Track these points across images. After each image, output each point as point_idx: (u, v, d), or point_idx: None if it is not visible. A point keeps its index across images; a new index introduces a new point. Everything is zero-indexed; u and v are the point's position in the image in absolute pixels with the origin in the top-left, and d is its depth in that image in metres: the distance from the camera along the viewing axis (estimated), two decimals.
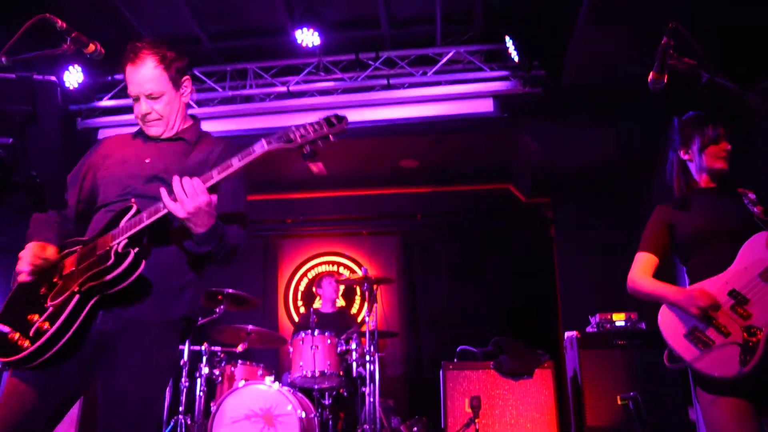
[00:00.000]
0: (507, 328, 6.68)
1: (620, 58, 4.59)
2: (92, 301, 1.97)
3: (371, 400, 5.10)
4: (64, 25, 2.26)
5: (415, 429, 5.39)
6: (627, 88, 3.99)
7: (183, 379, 5.42)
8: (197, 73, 5.98)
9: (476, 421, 4.69)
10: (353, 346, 5.47)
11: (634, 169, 6.31)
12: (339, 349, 5.40)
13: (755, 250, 2.45)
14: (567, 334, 5.01)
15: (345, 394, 5.80)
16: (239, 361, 5.18)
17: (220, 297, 5.11)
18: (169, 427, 5.40)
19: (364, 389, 5.29)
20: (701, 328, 2.41)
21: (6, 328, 1.99)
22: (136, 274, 1.96)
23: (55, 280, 2.05)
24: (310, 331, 5.29)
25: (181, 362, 5.35)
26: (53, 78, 1.34)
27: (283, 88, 5.87)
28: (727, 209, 2.61)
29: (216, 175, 2.00)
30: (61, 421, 2.09)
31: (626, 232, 2.88)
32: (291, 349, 5.37)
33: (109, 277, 1.92)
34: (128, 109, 6.15)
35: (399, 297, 7.40)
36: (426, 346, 7.16)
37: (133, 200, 2.12)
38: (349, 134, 6.66)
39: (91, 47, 2.33)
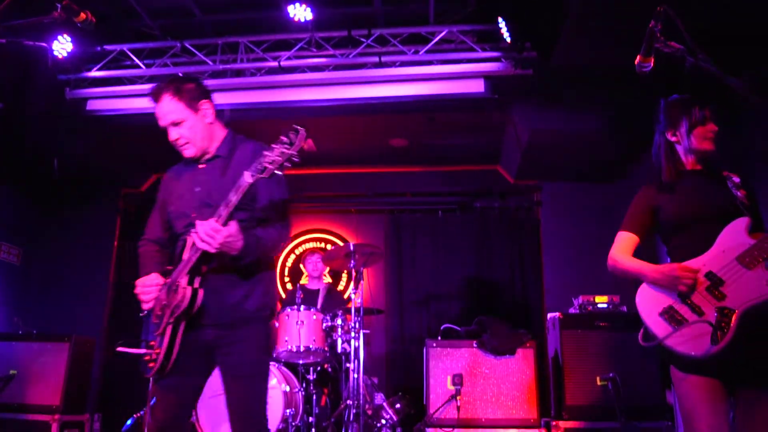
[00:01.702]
0: (491, 307, 6.75)
1: (612, 41, 4.59)
2: (182, 326, 2.54)
3: (355, 376, 5.15)
4: None
5: (398, 406, 5.45)
6: (617, 72, 4.00)
7: None
8: (188, 46, 5.93)
9: (458, 398, 4.76)
10: (339, 322, 5.51)
11: (622, 153, 6.35)
12: (324, 325, 5.44)
13: (735, 234, 2.47)
14: (550, 314, 5.08)
15: (329, 369, 5.86)
16: None
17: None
18: (153, 401, 5.45)
19: (348, 365, 5.34)
20: (676, 308, 2.46)
21: (143, 351, 2.63)
22: (198, 303, 2.50)
23: (158, 312, 2.59)
24: (296, 306, 5.33)
25: None
26: (44, 44, 1.34)
27: (275, 63, 5.84)
28: (712, 192, 2.63)
29: (223, 213, 2.42)
30: (197, 402, 2.84)
31: (613, 216, 2.91)
32: (276, 324, 5.40)
33: (181, 308, 2.48)
34: (117, 81, 6.11)
35: (385, 275, 7.44)
36: (411, 324, 7.21)
37: (187, 237, 2.58)
38: (339, 111, 6.67)
39: (82, 15, 2.36)
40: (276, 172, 2.34)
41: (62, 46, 5.64)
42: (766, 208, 2.61)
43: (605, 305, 4.96)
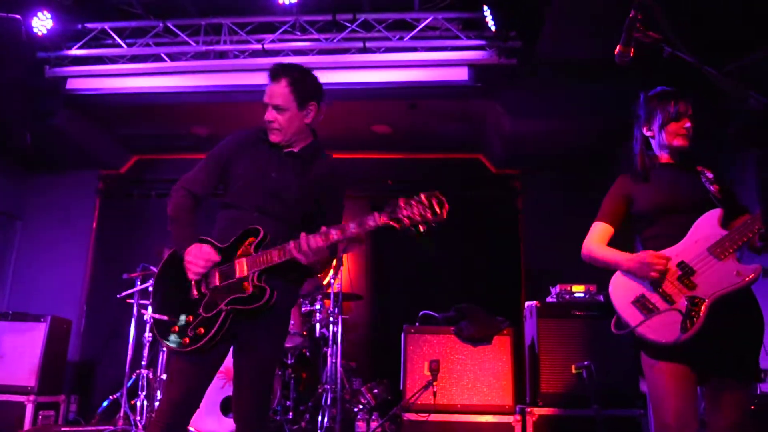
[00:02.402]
0: (471, 295, 6.78)
1: (595, 32, 4.61)
2: (233, 315, 2.51)
3: (333, 361, 5.17)
4: None
5: (375, 391, 5.48)
6: (601, 62, 4.02)
7: (146, 334, 5.44)
8: (170, 26, 5.88)
9: (434, 384, 4.79)
10: (317, 307, 5.52)
11: (603, 144, 6.39)
12: (303, 309, 5.45)
13: (707, 225, 2.51)
14: (527, 303, 5.12)
15: (308, 354, 5.87)
16: None
17: None
18: (131, 380, 5.44)
19: (326, 350, 5.36)
20: (648, 296, 2.50)
21: (165, 317, 2.60)
22: (271, 304, 2.51)
23: (203, 290, 2.58)
24: None
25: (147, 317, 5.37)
26: (17, 16, 1.33)
27: (258, 46, 5.81)
28: (685, 185, 2.66)
29: (334, 236, 2.43)
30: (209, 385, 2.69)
31: (592, 207, 2.93)
32: None
33: (251, 307, 2.49)
34: (98, 59, 6.04)
35: (365, 261, 7.44)
36: (390, 310, 7.23)
37: (262, 231, 2.56)
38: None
39: None
40: (410, 229, 2.37)
41: (42, 23, 5.55)
42: (743, 195, 2.64)
43: (582, 294, 5.01)
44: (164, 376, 5.08)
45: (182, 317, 2.56)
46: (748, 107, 1.66)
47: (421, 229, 2.36)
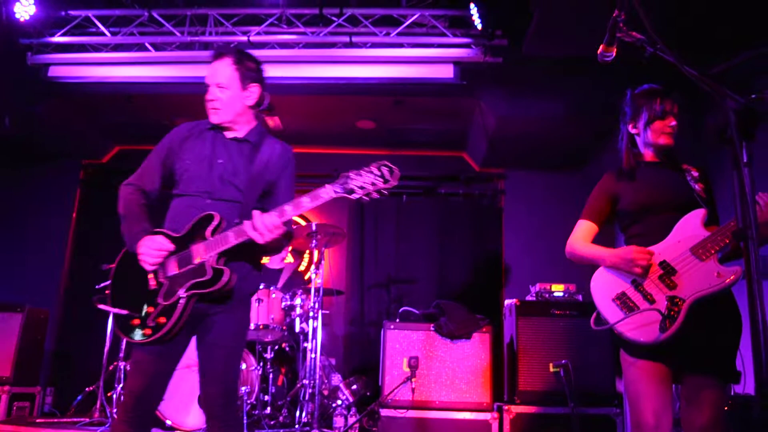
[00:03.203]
0: (451, 292, 6.81)
1: (581, 32, 4.63)
2: (193, 300, 2.52)
3: (313, 356, 5.16)
4: None
5: (354, 387, 5.48)
6: (586, 62, 4.04)
7: None
8: (156, 15, 5.82)
9: (413, 380, 4.80)
10: (298, 302, 5.51)
11: (586, 144, 6.43)
12: (284, 304, 5.44)
13: (690, 225, 2.53)
14: (507, 301, 5.15)
15: (287, 349, 5.86)
16: None
17: None
18: (108, 372, 5.39)
19: (306, 345, 5.35)
20: (629, 294, 2.51)
21: (124, 311, 2.59)
22: (231, 286, 2.51)
23: (161, 279, 2.57)
24: None
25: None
26: None
27: (244, 38, 5.77)
28: (670, 184, 2.68)
29: (289, 213, 2.44)
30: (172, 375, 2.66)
31: (574, 206, 2.95)
32: None
33: (210, 290, 2.48)
34: (81, 47, 5.97)
35: (347, 257, 7.44)
36: (370, 306, 7.23)
37: (217, 216, 2.55)
38: (307, 90, 6.62)
39: None
40: (363, 198, 2.38)
41: (25, 9, 5.49)
42: (723, 195, 2.66)
43: (561, 294, 5.06)
44: None
45: (144, 309, 2.55)
46: (726, 106, 1.67)
47: (374, 197, 2.38)
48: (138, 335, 2.52)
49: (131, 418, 2.50)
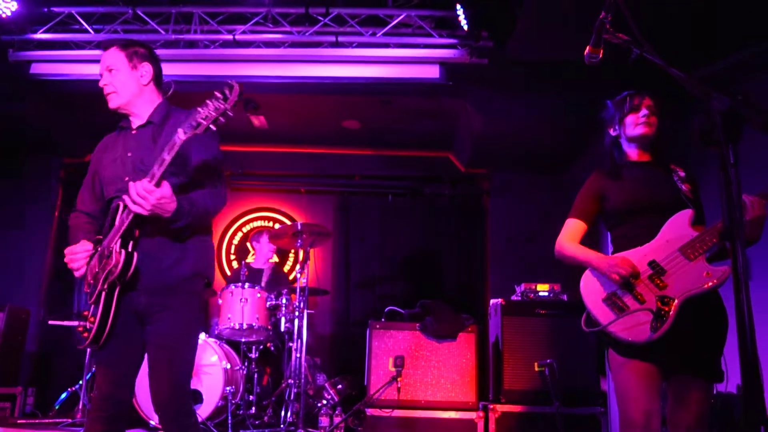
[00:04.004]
0: (437, 292, 6.83)
1: (567, 34, 4.66)
2: (116, 291, 2.48)
3: (298, 356, 5.15)
4: None
5: (339, 386, 5.48)
6: (571, 64, 4.06)
7: None
8: (140, 13, 5.76)
9: (398, 379, 4.81)
10: (283, 301, 5.50)
11: (571, 145, 6.48)
12: (268, 303, 5.42)
13: (678, 225, 2.56)
14: (492, 300, 5.17)
15: (272, 348, 5.84)
16: None
17: None
18: (90, 372, 5.34)
19: (291, 345, 5.33)
20: (619, 294, 2.54)
21: (76, 323, 2.71)
22: (133, 266, 2.43)
23: (90, 280, 2.55)
24: (240, 284, 5.29)
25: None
26: None
27: (229, 37, 5.73)
28: (657, 184, 2.70)
29: (157, 172, 2.34)
30: (139, 370, 2.64)
31: (559, 207, 2.98)
32: (220, 301, 5.35)
33: (115, 273, 2.42)
34: (64, 44, 5.90)
35: (332, 256, 7.44)
36: (356, 306, 7.24)
37: (121, 204, 2.48)
38: (292, 89, 6.58)
39: None
40: (210, 126, 2.30)
41: (6, 5, 5.41)
42: (709, 196, 2.68)
43: (546, 293, 5.08)
44: None
45: (83, 314, 2.56)
46: (711, 108, 1.69)
47: (222, 121, 2.31)
48: (82, 341, 2.53)
49: (102, 416, 2.52)
